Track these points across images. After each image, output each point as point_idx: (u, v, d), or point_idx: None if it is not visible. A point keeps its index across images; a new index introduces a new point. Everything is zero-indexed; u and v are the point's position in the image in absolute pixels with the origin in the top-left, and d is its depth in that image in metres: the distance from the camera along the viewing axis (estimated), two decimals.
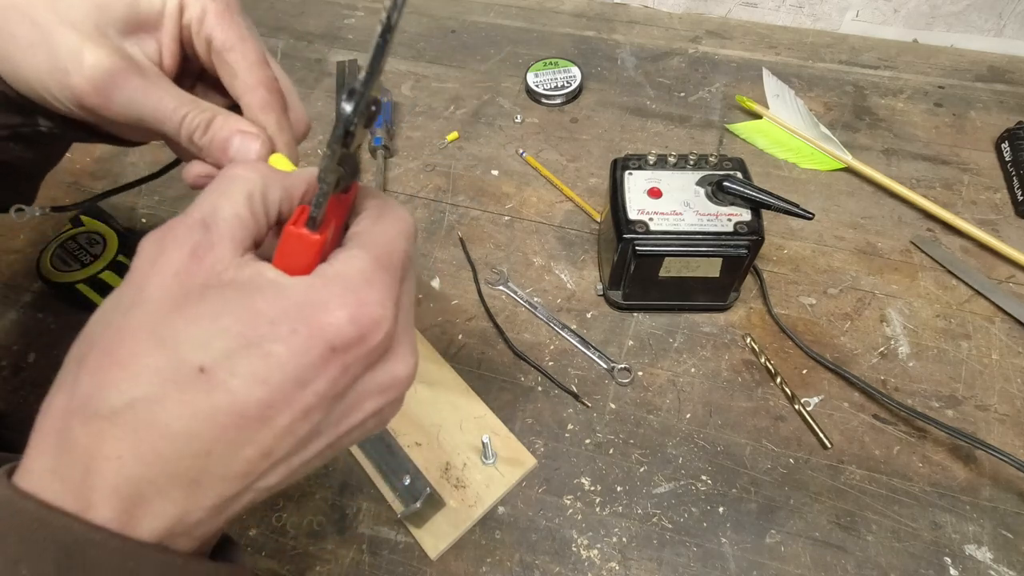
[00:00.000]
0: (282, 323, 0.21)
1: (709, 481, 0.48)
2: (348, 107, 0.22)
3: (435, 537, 0.46)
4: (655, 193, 0.51)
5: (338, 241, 0.26)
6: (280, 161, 0.30)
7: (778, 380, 0.52)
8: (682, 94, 0.75)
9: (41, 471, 0.21)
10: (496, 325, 0.57)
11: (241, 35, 0.30)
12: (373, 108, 0.23)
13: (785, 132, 0.69)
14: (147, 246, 0.23)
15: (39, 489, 0.20)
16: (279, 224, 0.25)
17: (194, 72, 0.34)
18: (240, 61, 0.30)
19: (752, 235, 0.49)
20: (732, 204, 0.50)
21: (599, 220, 0.63)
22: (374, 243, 0.24)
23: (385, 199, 0.27)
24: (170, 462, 0.20)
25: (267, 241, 0.25)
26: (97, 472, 0.20)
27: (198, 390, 0.20)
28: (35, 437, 0.21)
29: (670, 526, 0.47)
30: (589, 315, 0.57)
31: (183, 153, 0.34)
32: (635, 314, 0.57)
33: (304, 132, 0.34)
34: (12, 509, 0.20)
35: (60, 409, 0.21)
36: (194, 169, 0.32)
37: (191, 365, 0.20)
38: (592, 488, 0.48)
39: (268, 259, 0.24)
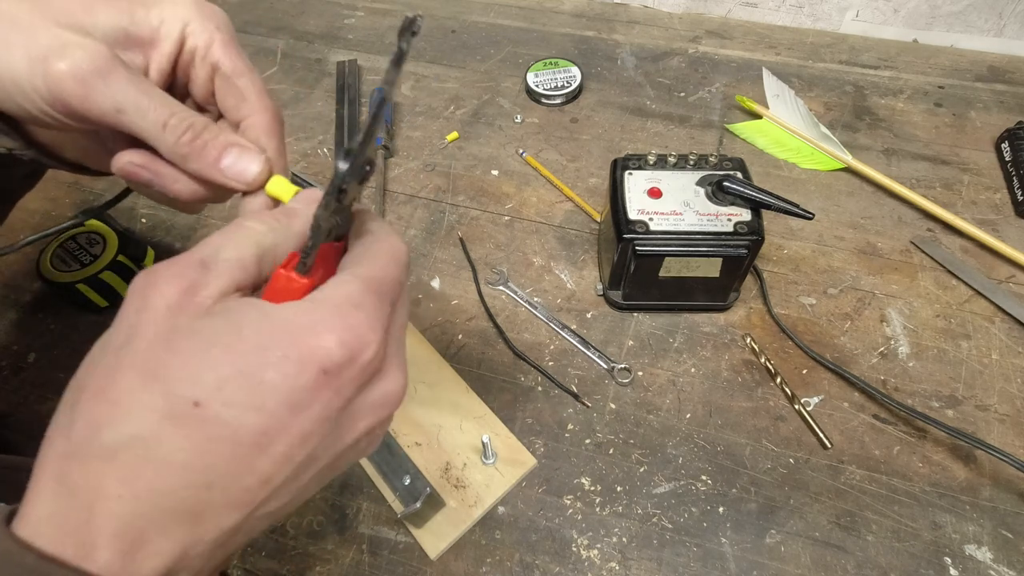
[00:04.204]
0: (271, 349, 0.21)
1: (709, 481, 0.48)
2: (343, 166, 0.22)
3: (435, 537, 0.46)
4: (655, 193, 0.51)
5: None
6: (281, 183, 0.30)
7: (778, 380, 0.52)
8: (682, 94, 0.75)
9: (40, 518, 0.20)
10: (496, 325, 0.57)
11: (248, 65, 0.31)
12: (367, 168, 0.24)
13: (785, 132, 0.69)
14: (139, 282, 0.23)
15: (38, 537, 0.20)
16: None
17: (180, 97, 0.33)
18: (250, 87, 0.31)
19: (752, 235, 0.49)
20: (732, 204, 0.50)
21: (599, 220, 0.63)
22: (365, 268, 0.25)
23: (381, 225, 0.27)
24: (169, 497, 0.20)
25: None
26: (98, 514, 0.20)
27: (193, 424, 0.20)
28: (33, 482, 0.21)
29: (670, 526, 0.47)
30: (589, 315, 0.57)
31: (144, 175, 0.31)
32: (635, 314, 0.57)
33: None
34: (12, 562, 0.19)
35: (57, 453, 0.21)
36: (126, 156, 0.30)
37: (185, 400, 0.20)
38: (592, 488, 0.48)
39: None
